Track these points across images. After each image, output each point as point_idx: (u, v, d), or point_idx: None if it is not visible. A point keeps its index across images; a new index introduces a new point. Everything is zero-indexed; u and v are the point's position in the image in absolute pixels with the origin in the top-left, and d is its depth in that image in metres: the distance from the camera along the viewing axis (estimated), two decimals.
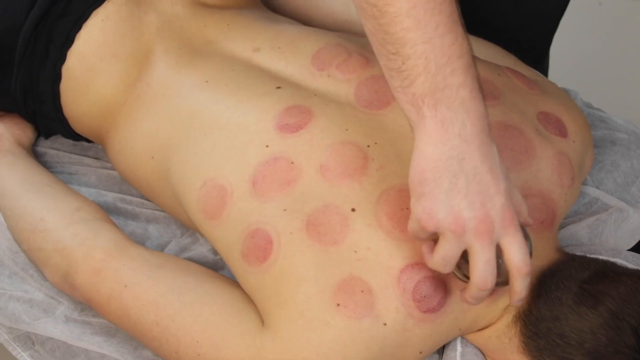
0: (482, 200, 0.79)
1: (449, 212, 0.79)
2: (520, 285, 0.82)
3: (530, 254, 0.84)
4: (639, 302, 0.85)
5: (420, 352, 0.91)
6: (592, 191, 1.17)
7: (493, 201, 0.79)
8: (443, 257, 0.81)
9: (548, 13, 1.39)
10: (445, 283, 0.89)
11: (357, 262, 0.88)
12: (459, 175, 0.78)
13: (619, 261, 1.02)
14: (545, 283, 0.91)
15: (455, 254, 0.81)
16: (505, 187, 0.80)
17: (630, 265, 1.00)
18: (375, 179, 0.92)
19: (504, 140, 0.96)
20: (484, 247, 0.80)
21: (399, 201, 0.91)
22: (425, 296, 0.88)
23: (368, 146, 0.95)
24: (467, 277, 0.86)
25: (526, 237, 0.84)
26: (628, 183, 1.18)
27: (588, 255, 0.97)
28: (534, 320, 0.90)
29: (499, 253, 0.82)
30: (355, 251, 0.89)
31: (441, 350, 1.00)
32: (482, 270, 0.81)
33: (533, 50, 1.43)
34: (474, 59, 0.80)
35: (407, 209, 0.89)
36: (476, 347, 0.98)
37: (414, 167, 0.80)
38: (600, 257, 0.98)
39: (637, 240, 1.15)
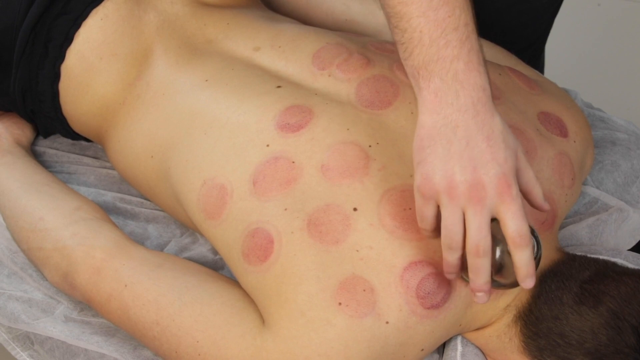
0: (474, 165, 0.80)
1: (443, 175, 0.80)
2: (520, 259, 0.81)
3: (539, 258, 0.85)
4: (639, 302, 0.85)
5: (422, 350, 0.91)
6: (592, 191, 1.17)
7: (487, 167, 0.80)
8: (445, 227, 0.82)
9: (543, 10, 1.39)
10: (449, 279, 0.89)
11: (359, 261, 0.88)
12: (452, 141, 0.80)
13: (619, 261, 1.02)
14: (545, 283, 0.91)
15: (456, 220, 0.81)
16: (504, 157, 0.80)
17: (630, 265, 1.01)
18: (377, 178, 0.92)
19: None
20: (476, 213, 0.80)
21: (401, 201, 0.91)
22: (429, 292, 0.88)
23: (370, 146, 0.95)
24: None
25: (537, 241, 0.85)
26: (628, 183, 1.18)
27: (588, 255, 0.97)
28: (534, 320, 0.90)
29: (505, 248, 0.82)
30: (357, 250, 0.89)
31: (441, 350, 1.00)
32: (473, 236, 0.81)
33: (529, 48, 1.43)
34: (475, 31, 0.81)
35: (410, 209, 0.89)
36: (476, 346, 0.98)
37: (415, 138, 0.83)
38: (601, 257, 0.98)
39: (637, 240, 1.15)
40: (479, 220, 0.80)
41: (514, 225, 0.80)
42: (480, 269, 0.82)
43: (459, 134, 0.80)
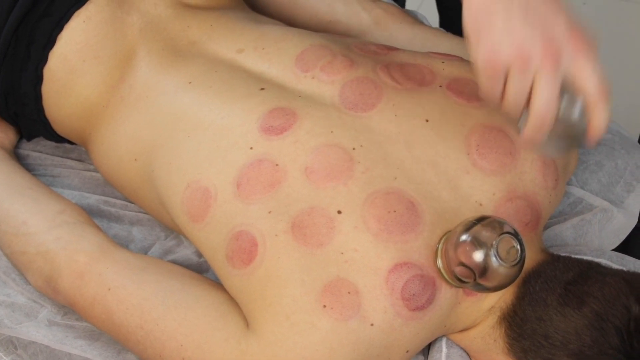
0: (542, 22, 0.76)
1: (510, 43, 0.76)
2: (602, 115, 0.78)
3: (523, 260, 0.85)
4: (622, 303, 0.85)
5: (407, 351, 0.91)
6: (576, 191, 1.17)
7: (556, 21, 0.77)
8: (513, 95, 0.79)
9: None
10: (434, 280, 0.89)
11: (344, 264, 0.88)
12: (511, 6, 0.77)
13: (604, 261, 1.02)
14: (529, 284, 0.92)
15: (524, 89, 0.78)
16: (566, 6, 0.77)
17: (614, 266, 1.01)
18: (361, 181, 0.92)
19: (488, 143, 0.96)
20: (548, 82, 0.76)
21: (386, 204, 0.90)
22: (414, 294, 0.88)
23: (354, 149, 0.95)
24: (461, 281, 0.86)
25: (520, 243, 0.85)
26: (612, 183, 1.18)
27: (573, 256, 0.97)
28: (518, 321, 0.90)
29: (489, 252, 0.83)
30: (342, 253, 0.88)
31: (426, 352, 1.00)
32: (541, 109, 0.77)
33: None
34: None
35: (395, 211, 0.89)
36: (461, 348, 0.98)
37: (467, 18, 0.79)
38: (585, 258, 0.98)
39: (622, 240, 1.15)
40: (549, 92, 0.77)
41: (597, 78, 0.77)
42: (540, 137, 0.80)
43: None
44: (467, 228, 0.87)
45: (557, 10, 0.77)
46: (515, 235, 0.85)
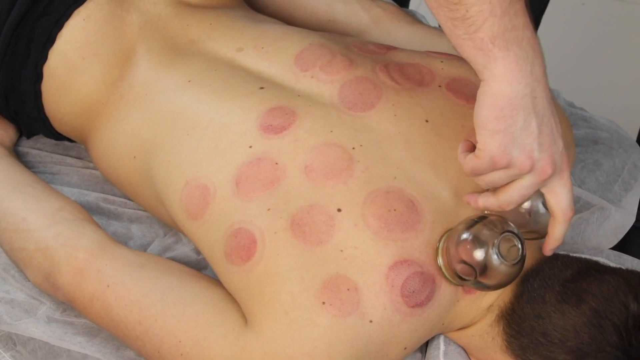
0: (549, 142, 0.83)
1: (521, 150, 0.82)
2: (561, 231, 0.89)
3: (523, 258, 0.88)
4: (621, 301, 0.85)
5: (405, 348, 0.91)
6: (574, 190, 1.17)
7: (557, 144, 0.85)
8: (497, 181, 0.86)
9: (532, 10, 1.39)
10: (434, 277, 0.89)
11: (343, 261, 0.88)
12: (531, 115, 0.82)
13: (601, 260, 1.02)
14: (528, 282, 0.92)
15: (508, 181, 0.86)
16: (560, 132, 0.85)
17: (612, 264, 1.01)
18: (361, 180, 0.92)
19: None
20: (532, 185, 0.85)
21: (386, 202, 0.91)
22: (414, 291, 0.88)
23: (353, 148, 0.95)
24: (462, 279, 0.87)
25: (520, 241, 0.88)
26: (610, 182, 1.18)
27: (571, 254, 0.97)
28: (517, 319, 0.90)
29: (489, 250, 0.84)
30: (342, 250, 0.89)
31: (424, 349, 1.00)
32: (515, 197, 0.86)
33: None
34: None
35: (395, 210, 0.89)
36: (459, 345, 0.98)
37: (488, 106, 0.82)
38: (583, 256, 0.98)
39: (619, 239, 1.15)
40: (526, 195, 0.86)
41: (569, 199, 0.87)
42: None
43: (537, 106, 0.82)
44: (469, 226, 0.87)
45: (558, 134, 0.85)
46: (516, 234, 0.86)
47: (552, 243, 0.91)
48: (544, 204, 0.90)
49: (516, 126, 0.81)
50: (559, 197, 0.87)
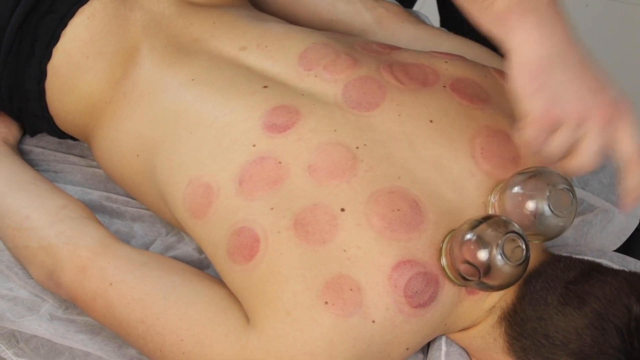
0: (598, 87, 0.81)
1: (569, 99, 0.81)
2: (636, 177, 0.83)
3: (527, 260, 0.87)
4: (623, 303, 0.85)
5: (407, 349, 0.91)
6: (577, 192, 1.17)
7: (609, 88, 0.82)
8: (560, 145, 0.83)
9: None
10: (437, 278, 0.89)
11: (346, 261, 0.88)
12: (567, 67, 0.81)
13: (604, 262, 1.02)
14: (530, 283, 0.92)
15: (571, 141, 0.83)
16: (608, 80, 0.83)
17: (615, 266, 1.01)
18: (365, 180, 0.92)
19: (492, 147, 0.96)
20: (597, 137, 0.82)
21: (390, 202, 0.91)
22: (417, 291, 0.88)
23: (357, 147, 0.95)
24: (466, 279, 0.87)
25: (525, 243, 0.87)
26: (614, 184, 1.18)
27: (574, 256, 0.97)
28: (519, 320, 0.90)
29: (492, 250, 0.84)
30: (345, 250, 0.89)
31: (426, 350, 1.00)
32: (590, 156, 0.83)
33: None
34: None
35: (399, 210, 0.89)
36: (461, 347, 0.98)
37: (518, 74, 0.82)
38: (586, 258, 0.98)
39: (623, 241, 1.15)
40: (598, 145, 0.82)
41: (635, 144, 0.82)
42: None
43: (569, 62, 0.81)
44: (473, 227, 0.87)
45: (608, 82, 0.83)
46: (521, 234, 0.86)
47: (629, 194, 0.85)
48: (550, 206, 0.89)
49: (555, 80, 0.81)
50: (624, 139, 0.83)
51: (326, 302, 0.87)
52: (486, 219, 0.88)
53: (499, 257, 0.84)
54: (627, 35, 2.33)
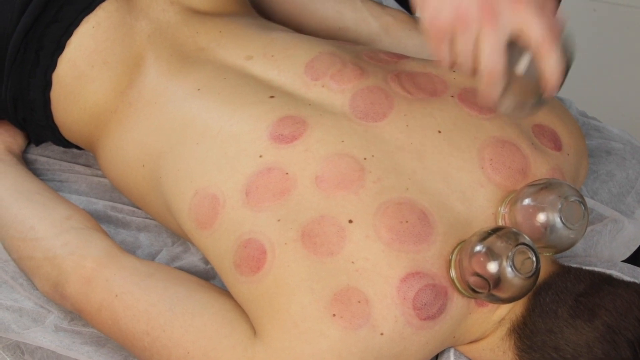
0: None
1: (450, 6, 0.82)
2: (552, 60, 0.81)
3: (538, 271, 0.86)
4: (635, 316, 0.84)
5: None
6: (587, 201, 1.16)
7: None
8: (460, 55, 0.84)
9: None
10: (446, 290, 0.89)
11: (354, 273, 0.87)
12: None
13: (615, 273, 1.01)
14: (540, 295, 0.91)
15: (468, 48, 0.83)
16: None
17: (626, 278, 1.00)
18: (372, 191, 0.92)
19: (501, 157, 0.96)
20: (489, 34, 0.81)
21: (398, 214, 0.90)
22: (426, 304, 0.87)
23: (365, 158, 0.94)
24: (475, 292, 0.86)
25: (535, 255, 0.86)
26: (623, 193, 1.18)
27: (584, 268, 0.96)
28: (528, 333, 0.90)
29: (503, 263, 0.83)
30: (353, 262, 0.88)
31: None
32: (488, 54, 0.82)
33: None
34: None
35: (407, 222, 0.89)
36: (470, 359, 0.98)
37: None
38: (596, 269, 0.97)
39: (632, 251, 1.15)
40: (491, 46, 0.81)
41: (541, 26, 0.80)
42: (495, 89, 0.84)
43: None
44: (482, 238, 0.86)
45: None
46: (531, 246, 0.85)
47: (547, 80, 0.83)
48: (562, 219, 0.88)
49: None
50: (526, 25, 0.81)
51: (334, 315, 0.86)
52: (496, 230, 0.87)
53: (509, 269, 0.84)
54: (634, 39, 2.32)
